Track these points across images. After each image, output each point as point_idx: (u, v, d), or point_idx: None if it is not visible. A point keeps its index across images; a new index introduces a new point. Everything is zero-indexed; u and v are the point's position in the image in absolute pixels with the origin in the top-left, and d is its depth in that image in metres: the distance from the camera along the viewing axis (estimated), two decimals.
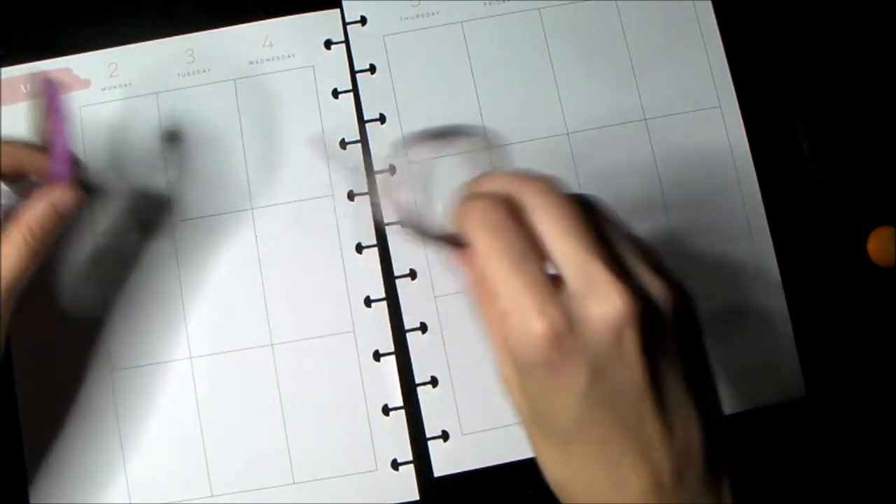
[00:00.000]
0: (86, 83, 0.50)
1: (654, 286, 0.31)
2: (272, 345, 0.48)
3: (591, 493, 0.31)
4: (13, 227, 0.40)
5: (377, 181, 0.50)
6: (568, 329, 0.29)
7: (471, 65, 0.52)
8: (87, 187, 0.40)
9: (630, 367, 0.30)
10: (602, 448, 0.31)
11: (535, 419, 0.32)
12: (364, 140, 0.51)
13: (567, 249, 0.30)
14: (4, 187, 0.42)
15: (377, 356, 0.49)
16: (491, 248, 0.31)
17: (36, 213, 0.40)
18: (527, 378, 0.31)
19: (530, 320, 0.29)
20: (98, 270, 0.49)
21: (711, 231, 0.51)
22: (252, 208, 0.50)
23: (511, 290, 0.30)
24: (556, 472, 0.32)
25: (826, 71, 0.53)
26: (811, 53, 0.53)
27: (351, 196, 0.50)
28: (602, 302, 0.29)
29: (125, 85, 0.51)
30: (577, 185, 0.51)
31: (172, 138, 0.49)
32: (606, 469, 0.31)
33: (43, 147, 0.41)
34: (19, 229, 0.40)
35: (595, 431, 0.31)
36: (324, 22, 0.52)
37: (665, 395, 0.31)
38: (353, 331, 0.49)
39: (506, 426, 0.48)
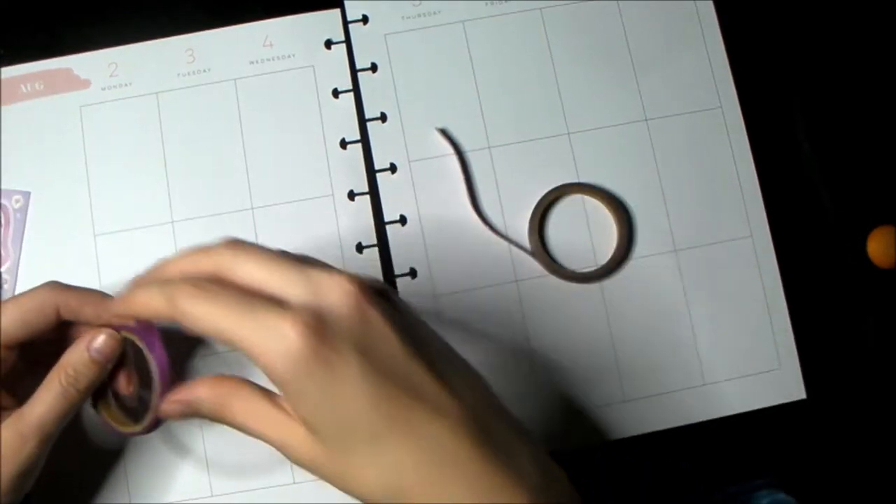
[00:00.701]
0: (86, 83, 0.50)
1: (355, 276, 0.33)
2: None
3: (412, 458, 0.32)
4: (54, 370, 0.39)
5: None
6: (318, 320, 0.31)
7: (472, 64, 0.52)
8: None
9: (385, 337, 0.32)
10: (409, 422, 0.32)
11: (342, 437, 0.32)
12: (365, 139, 0.51)
13: (280, 271, 0.33)
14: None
15: None
16: (212, 306, 0.32)
17: (75, 356, 0.39)
18: (310, 395, 0.31)
19: (280, 327, 0.31)
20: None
21: (712, 232, 0.51)
22: (252, 208, 0.50)
23: (248, 321, 0.31)
24: (388, 474, 0.32)
25: (826, 71, 0.53)
26: (812, 54, 0.53)
27: (351, 196, 0.50)
28: (333, 290, 0.32)
29: (125, 85, 0.50)
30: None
31: None
32: (429, 448, 0.32)
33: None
34: (57, 372, 0.39)
35: (393, 410, 0.32)
36: (324, 22, 0.52)
37: (433, 360, 0.33)
38: None
39: None
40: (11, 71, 0.50)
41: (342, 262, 0.49)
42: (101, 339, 0.39)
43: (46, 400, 0.38)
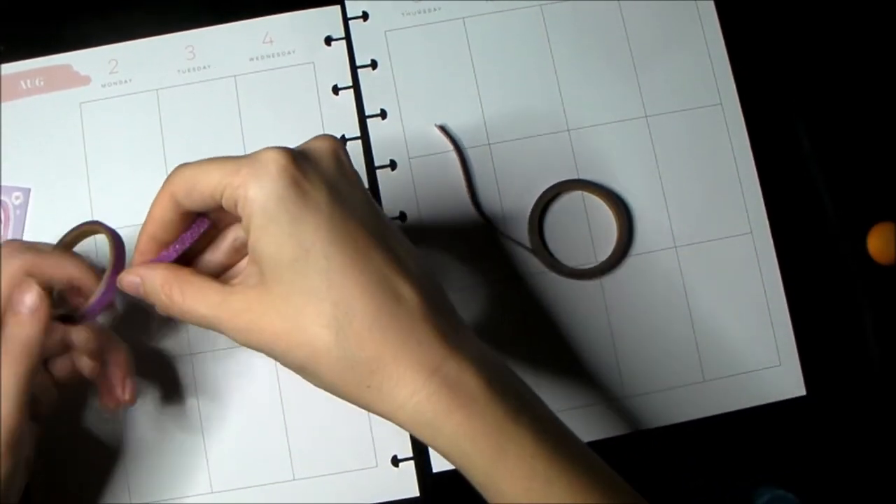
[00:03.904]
0: (86, 79, 0.50)
1: None
2: None
3: (364, 298, 0.34)
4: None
5: None
6: (301, 156, 0.34)
7: (472, 61, 0.52)
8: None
9: (354, 185, 0.36)
10: (361, 250, 0.34)
11: (295, 269, 0.34)
12: (365, 136, 0.51)
13: None
14: None
15: None
16: (205, 163, 0.36)
17: (12, 324, 0.38)
18: (279, 223, 0.33)
19: (269, 156, 0.34)
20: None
21: (712, 228, 0.51)
22: None
23: (240, 160, 0.35)
24: (331, 312, 0.34)
25: (827, 70, 0.53)
26: (812, 52, 0.53)
27: None
28: (316, 139, 0.36)
29: (125, 81, 0.50)
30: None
31: None
32: (376, 275, 0.34)
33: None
34: (4, 343, 0.38)
35: (354, 245, 0.34)
36: (324, 18, 0.52)
37: (387, 224, 0.36)
38: None
39: None
40: (11, 67, 0.50)
41: None
42: (29, 297, 0.38)
43: (7, 373, 0.37)
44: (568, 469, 0.34)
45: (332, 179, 0.35)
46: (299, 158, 0.34)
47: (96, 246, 0.47)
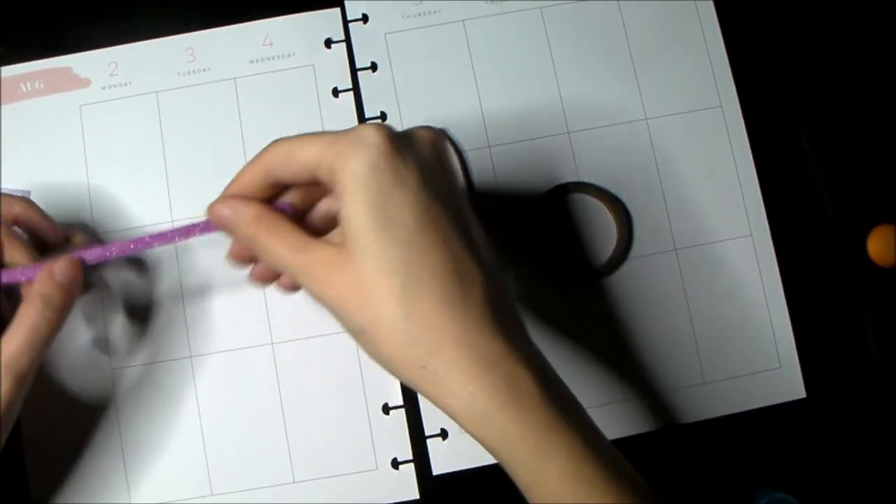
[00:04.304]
0: (86, 82, 0.50)
1: None
2: (272, 344, 0.48)
3: (437, 280, 0.35)
4: (22, 307, 0.40)
5: None
6: (400, 135, 0.36)
7: (472, 63, 0.52)
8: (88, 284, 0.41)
9: (446, 174, 0.38)
10: (442, 234, 0.35)
11: (377, 238, 0.35)
12: None
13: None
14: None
15: None
16: (308, 137, 0.37)
17: (41, 287, 0.40)
18: (369, 192, 0.35)
19: (368, 131, 0.35)
20: (98, 268, 0.49)
21: (711, 231, 0.51)
22: None
23: (339, 133, 0.36)
24: (404, 281, 0.35)
25: (827, 71, 0.53)
26: (812, 54, 0.53)
27: None
28: (422, 128, 0.38)
29: (125, 84, 0.50)
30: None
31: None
32: (452, 260, 0.35)
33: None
34: (27, 308, 0.40)
35: (435, 227, 0.35)
36: (324, 21, 0.52)
37: (472, 221, 0.38)
38: None
39: None
40: (11, 70, 0.50)
41: None
42: (62, 265, 0.40)
43: (18, 337, 0.39)
44: (610, 474, 0.35)
45: (426, 164, 0.36)
46: (398, 137, 0.36)
47: None
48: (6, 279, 0.40)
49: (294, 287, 0.43)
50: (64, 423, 0.47)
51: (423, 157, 0.37)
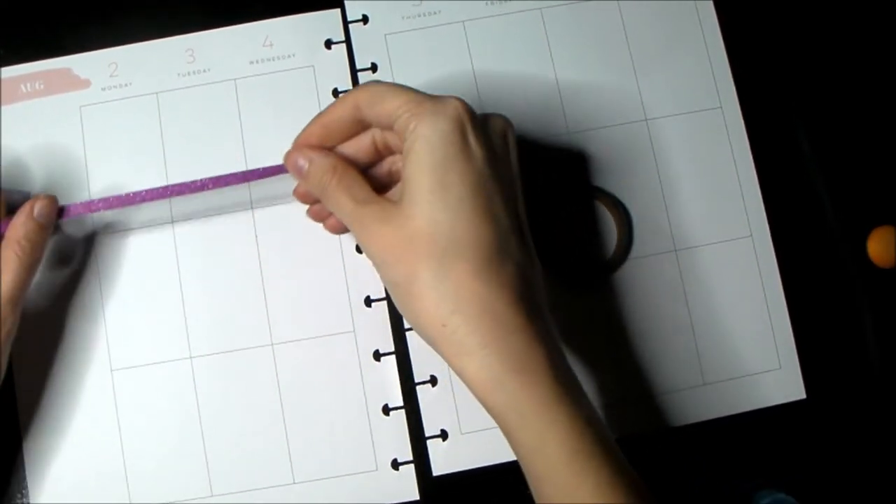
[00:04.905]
0: (86, 83, 0.50)
1: None
2: (272, 345, 0.48)
3: (476, 249, 0.37)
4: (4, 246, 0.42)
5: None
6: (477, 115, 0.39)
7: (472, 64, 0.52)
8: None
9: (509, 161, 0.40)
10: (492, 210, 0.38)
11: (431, 198, 0.38)
12: None
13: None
14: None
15: (377, 356, 0.49)
16: (397, 88, 0.40)
17: (22, 229, 0.43)
18: (434, 153, 0.37)
19: (451, 101, 0.38)
20: (99, 269, 0.49)
21: (712, 231, 0.51)
22: (252, 208, 0.50)
23: (423, 96, 0.39)
24: (445, 221, 0.37)
25: (826, 71, 0.53)
26: (812, 55, 0.53)
27: None
28: (498, 116, 0.41)
29: (125, 85, 0.50)
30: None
31: None
32: (496, 236, 0.38)
33: None
34: (10, 247, 0.42)
35: (487, 202, 0.38)
36: (324, 22, 0.52)
37: (523, 212, 0.41)
38: (354, 330, 0.49)
39: None
40: (11, 71, 0.50)
41: (343, 258, 0.49)
42: (41, 205, 0.43)
43: (8, 275, 0.42)
44: (605, 450, 0.38)
45: (494, 147, 0.39)
46: (475, 117, 0.39)
47: None
48: None
49: (341, 229, 0.46)
50: (64, 423, 0.47)
51: (493, 139, 0.39)
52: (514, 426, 0.38)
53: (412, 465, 0.48)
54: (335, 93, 0.51)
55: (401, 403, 0.48)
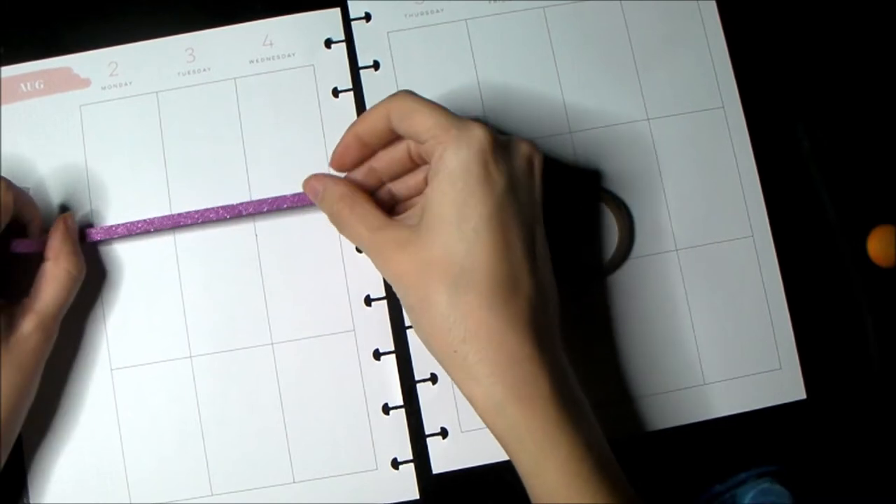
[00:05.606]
0: (86, 82, 0.50)
1: None
2: (272, 344, 0.48)
3: (488, 280, 0.38)
4: (50, 264, 0.44)
5: None
6: (500, 142, 0.40)
7: (475, 63, 0.52)
8: None
9: (531, 190, 0.41)
10: (506, 240, 0.39)
11: (449, 222, 0.39)
12: None
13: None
14: None
15: (377, 355, 0.49)
16: (427, 107, 0.41)
17: (63, 245, 0.44)
18: (457, 179, 0.39)
19: (477, 128, 0.39)
20: (99, 268, 0.49)
21: (713, 231, 0.51)
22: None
23: (453, 118, 0.40)
24: (460, 251, 0.39)
25: (829, 73, 0.53)
26: (814, 55, 0.53)
27: None
28: (523, 142, 0.42)
29: (125, 84, 0.50)
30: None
31: None
32: (508, 267, 0.39)
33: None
34: (58, 265, 0.44)
35: (502, 232, 0.39)
36: (324, 21, 0.52)
37: (540, 244, 0.41)
38: (354, 330, 0.49)
39: None
40: (11, 70, 0.50)
41: (343, 258, 0.49)
42: (71, 220, 0.46)
43: (51, 292, 0.43)
44: (604, 476, 0.39)
45: (515, 176, 0.40)
46: (499, 146, 0.40)
47: None
48: (22, 248, 0.44)
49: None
50: (64, 423, 0.47)
51: (515, 169, 0.40)
52: (514, 450, 0.39)
53: (412, 465, 0.48)
54: (335, 92, 0.51)
55: (401, 402, 0.49)
